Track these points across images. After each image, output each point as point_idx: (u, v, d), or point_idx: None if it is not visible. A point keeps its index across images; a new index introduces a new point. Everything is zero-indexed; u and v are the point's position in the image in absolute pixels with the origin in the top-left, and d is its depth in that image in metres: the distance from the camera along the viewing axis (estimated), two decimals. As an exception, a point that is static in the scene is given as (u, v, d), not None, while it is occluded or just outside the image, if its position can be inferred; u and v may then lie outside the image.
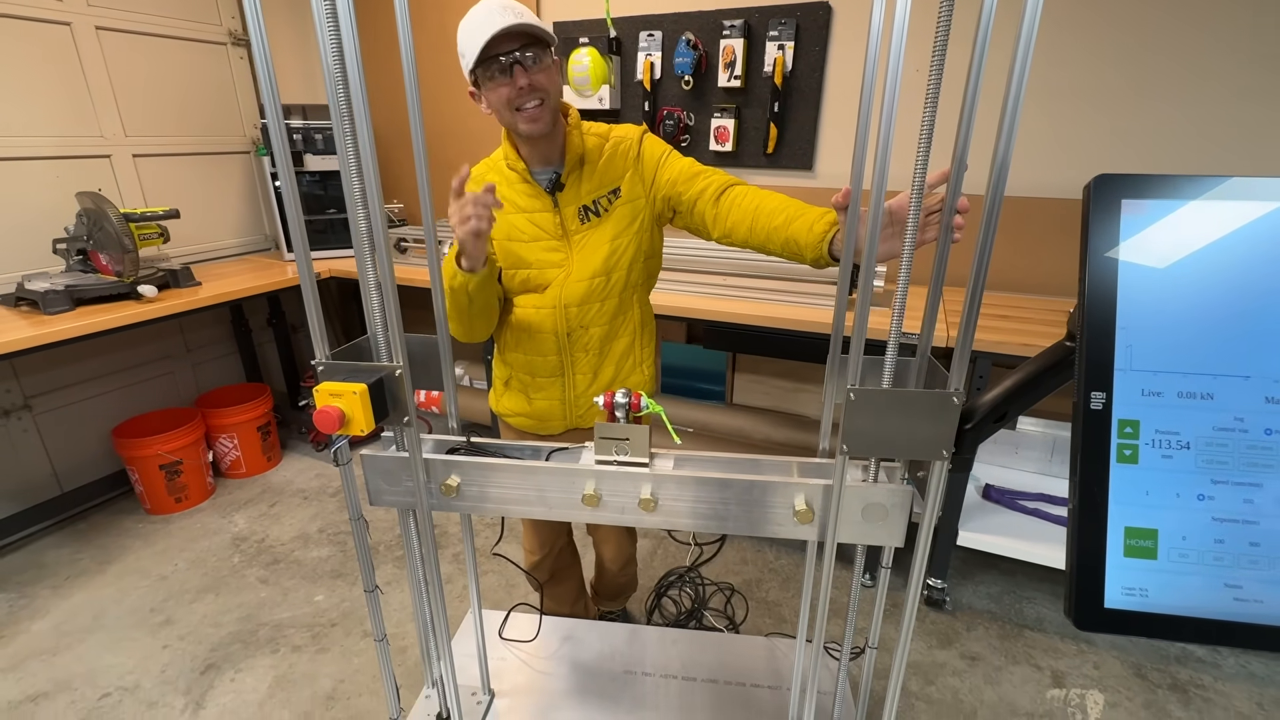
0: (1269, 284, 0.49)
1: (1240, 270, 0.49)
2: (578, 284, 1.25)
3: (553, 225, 1.24)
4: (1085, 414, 0.51)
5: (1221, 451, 0.49)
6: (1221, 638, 0.50)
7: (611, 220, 1.25)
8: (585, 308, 1.27)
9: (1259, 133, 1.84)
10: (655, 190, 1.25)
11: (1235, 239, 0.50)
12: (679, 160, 1.26)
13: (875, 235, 0.72)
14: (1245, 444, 0.49)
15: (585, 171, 1.24)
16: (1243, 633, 0.49)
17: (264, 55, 0.70)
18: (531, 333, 1.29)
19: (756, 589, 2.12)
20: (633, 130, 1.28)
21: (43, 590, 2.09)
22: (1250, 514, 0.49)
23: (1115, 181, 0.51)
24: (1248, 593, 0.49)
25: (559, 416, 1.37)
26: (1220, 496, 0.49)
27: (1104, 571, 0.51)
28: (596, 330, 1.30)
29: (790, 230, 1.07)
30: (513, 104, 1.13)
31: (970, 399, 0.80)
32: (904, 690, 1.71)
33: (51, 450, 2.43)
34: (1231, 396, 0.49)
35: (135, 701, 1.68)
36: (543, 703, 1.26)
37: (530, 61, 1.10)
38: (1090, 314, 0.51)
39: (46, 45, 2.25)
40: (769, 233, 1.11)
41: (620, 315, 1.32)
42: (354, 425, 0.82)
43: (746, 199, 1.16)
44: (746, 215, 1.14)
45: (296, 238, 0.78)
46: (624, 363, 1.36)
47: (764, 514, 0.90)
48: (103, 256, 2.15)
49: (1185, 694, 1.69)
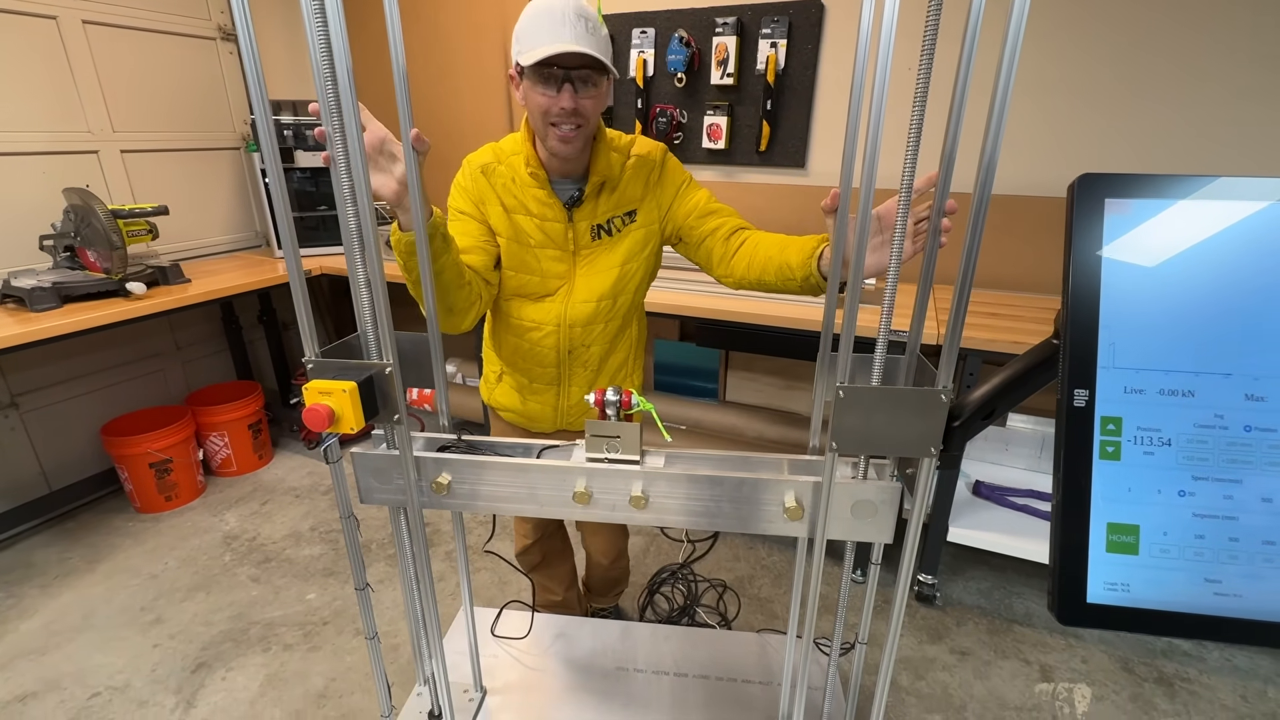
0: (1251, 283, 0.50)
1: (1223, 270, 0.50)
2: (584, 305, 1.24)
3: (562, 237, 1.21)
4: (1068, 411, 0.51)
5: (1202, 448, 0.50)
6: (1202, 632, 0.50)
7: (624, 243, 1.23)
8: (589, 328, 1.26)
9: (1255, 133, 1.85)
10: (671, 218, 1.25)
11: (1219, 239, 0.50)
12: (698, 191, 1.25)
13: (864, 241, 0.72)
14: (1225, 441, 0.50)
15: (606, 190, 1.21)
16: (1223, 627, 0.50)
17: (251, 53, 0.69)
18: (533, 345, 1.28)
19: (749, 585, 2.13)
20: (655, 149, 1.25)
21: (31, 590, 2.08)
22: (1230, 510, 0.50)
23: (1099, 181, 0.51)
24: (1227, 587, 0.50)
25: (550, 420, 1.38)
26: (1201, 493, 0.50)
27: (1086, 567, 0.51)
28: (597, 349, 1.30)
29: (784, 256, 1.08)
30: (549, 118, 1.08)
31: (959, 396, 0.80)
32: (894, 685, 1.72)
33: (39, 449, 2.41)
34: (1212, 394, 0.50)
35: (125, 701, 1.67)
36: (535, 700, 1.26)
37: (582, 84, 1.06)
38: (1073, 312, 0.51)
39: (32, 39, 2.23)
40: (765, 262, 1.11)
41: (621, 334, 1.33)
42: (344, 423, 0.81)
43: (752, 239, 1.17)
44: (747, 254, 1.15)
45: (285, 234, 0.78)
46: (618, 374, 1.37)
47: (754, 511, 0.91)
48: (90, 253, 2.13)
49: (1171, 687, 1.71)
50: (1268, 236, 0.48)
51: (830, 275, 0.82)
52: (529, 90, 1.08)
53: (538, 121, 1.11)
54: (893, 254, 0.76)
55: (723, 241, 1.19)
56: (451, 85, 2.87)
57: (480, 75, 2.79)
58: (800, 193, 2.40)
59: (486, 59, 2.76)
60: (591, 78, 1.07)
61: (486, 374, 1.45)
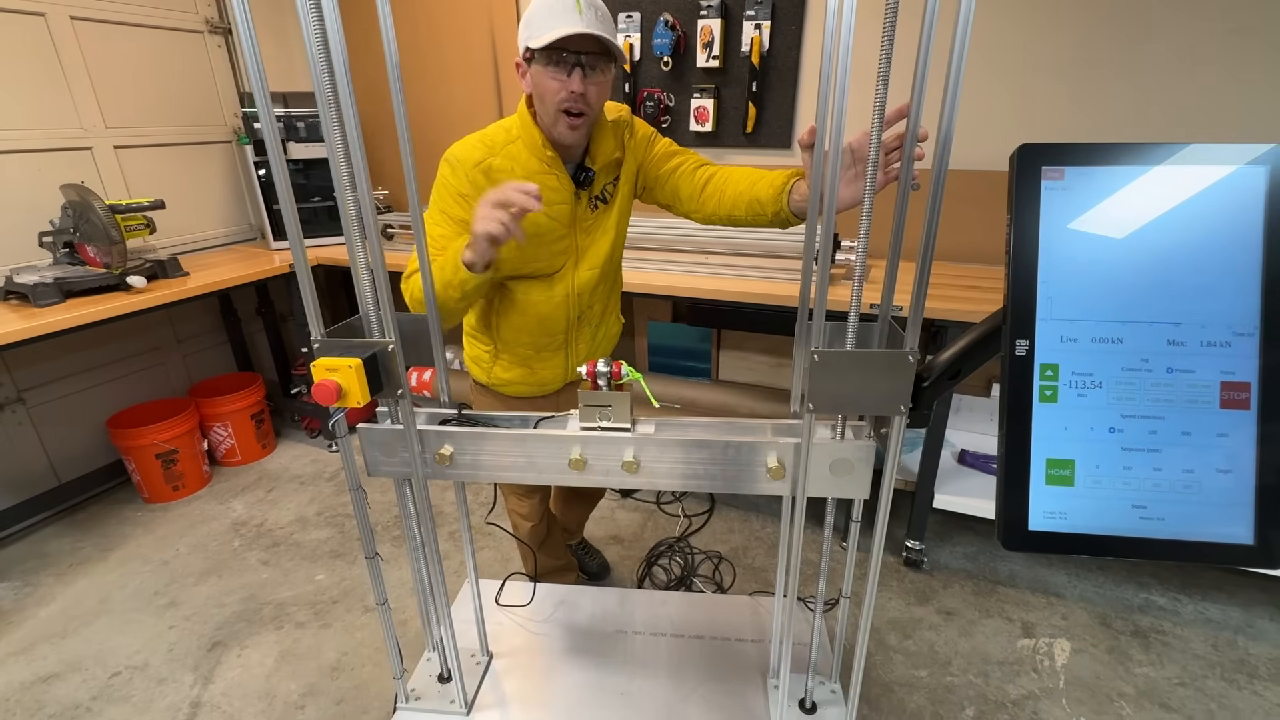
0: (1172, 239, 0.55)
1: (1147, 228, 0.55)
2: (589, 272, 1.28)
3: (568, 217, 1.23)
4: (1011, 360, 0.57)
5: (1130, 389, 0.56)
6: (1131, 551, 0.56)
7: (616, 205, 1.29)
8: (595, 291, 1.33)
9: (1211, 102, 1.90)
10: (645, 167, 1.30)
11: (1143, 200, 0.55)
12: (661, 138, 1.33)
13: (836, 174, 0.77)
14: (1150, 382, 0.55)
15: (609, 167, 1.25)
16: (1149, 547, 0.56)
17: (251, 45, 0.73)
18: (541, 320, 1.30)
19: (743, 556, 2.20)
20: (623, 109, 1.30)
21: (47, 578, 2.14)
22: (1154, 443, 0.56)
23: (1036, 150, 0.56)
24: (1152, 512, 0.56)
25: (560, 379, 1.45)
26: (1129, 429, 0.56)
27: (1028, 498, 0.57)
28: (599, 305, 1.37)
29: (754, 191, 1.14)
30: (561, 104, 1.09)
31: (930, 360, 0.86)
32: (883, 644, 1.80)
33: (47, 442, 2.46)
34: (1138, 340, 0.55)
35: (145, 679, 1.74)
36: (539, 661, 1.33)
37: (590, 70, 1.08)
38: (1015, 270, 0.56)
39: (22, 36, 2.24)
40: (735, 198, 1.18)
41: (615, 284, 1.41)
42: (351, 397, 0.86)
43: (720, 172, 1.24)
44: (718, 187, 1.21)
45: (289, 217, 0.82)
46: (608, 317, 1.45)
47: (739, 472, 0.97)
48: (90, 248, 2.17)
49: (1146, 639, 1.79)
50: (1186, 196, 0.54)
51: (809, 208, 0.82)
52: (539, 75, 1.09)
53: (548, 107, 1.12)
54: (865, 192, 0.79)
55: (689, 176, 1.25)
56: (440, 74, 2.88)
57: (468, 64, 2.81)
58: (787, 173, 2.44)
59: (474, 48, 2.77)
60: (600, 64, 1.09)
61: (476, 356, 1.45)
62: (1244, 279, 0.54)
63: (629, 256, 2.22)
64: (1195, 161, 0.54)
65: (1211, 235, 0.54)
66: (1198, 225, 0.54)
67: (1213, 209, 0.54)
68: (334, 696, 1.67)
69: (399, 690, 1.21)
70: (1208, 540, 0.55)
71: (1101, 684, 1.66)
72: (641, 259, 2.29)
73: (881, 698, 1.63)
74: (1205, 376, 0.55)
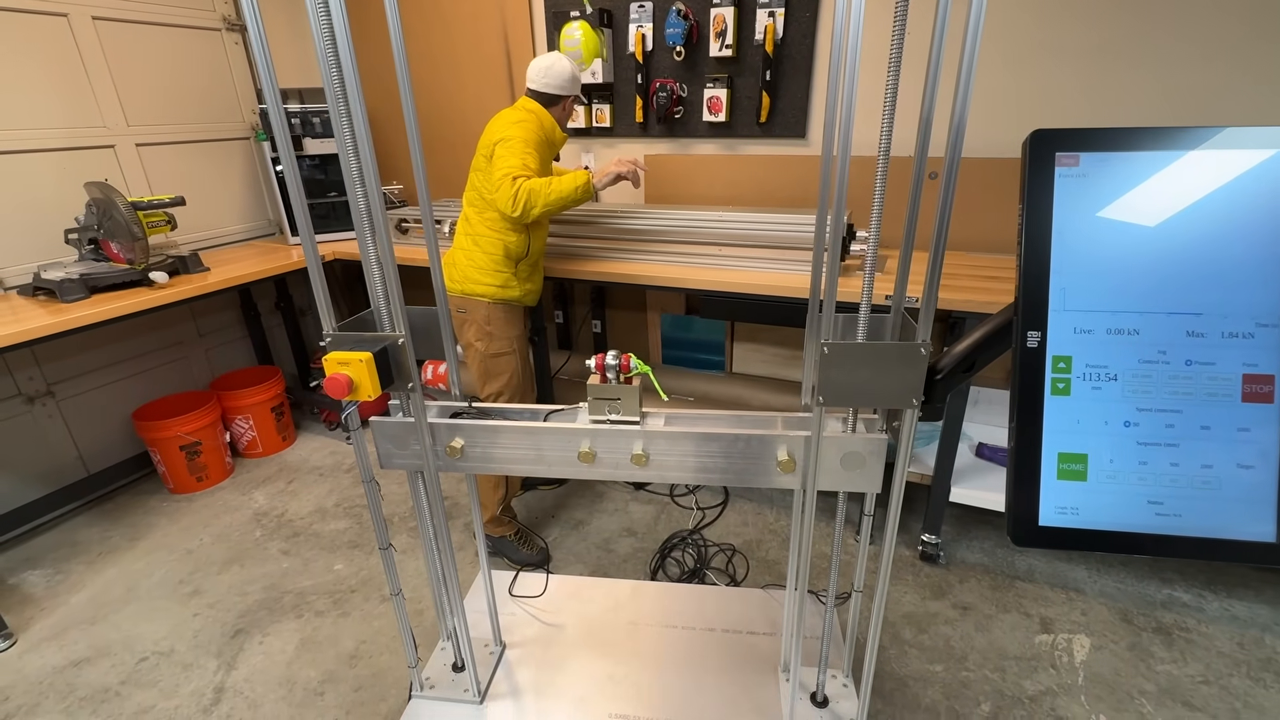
0: (1192, 228, 0.53)
1: (1167, 215, 0.54)
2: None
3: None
4: (1022, 352, 0.56)
5: (1146, 382, 0.54)
6: (1146, 548, 0.55)
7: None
8: None
9: (1222, 92, 1.85)
10: None
11: (1162, 187, 0.54)
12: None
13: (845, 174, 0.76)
14: (1168, 374, 0.54)
15: None
16: (1165, 544, 0.55)
17: (260, 42, 0.74)
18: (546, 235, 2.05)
19: (757, 549, 2.19)
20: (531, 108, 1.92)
21: (78, 566, 2.20)
22: (1171, 438, 0.54)
23: (1050, 136, 0.55)
24: (1169, 508, 0.54)
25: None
26: (1145, 423, 0.54)
27: (1039, 493, 0.56)
28: None
29: None
30: (574, 119, 2.13)
31: (942, 352, 0.84)
32: (898, 639, 1.79)
33: (76, 434, 2.53)
34: (1156, 331, 0.53)
35: (171, 664, 1.79)
36: (552, 652, 1.34)
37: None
38: (1027, 259, 0.55)
39: (45, 37, 2.28)
40: None
41: None
42: (362, 390, 0.87)
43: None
44: None
45: (299, 212, 0.83)
46: None
47: (749, 465, 0.96)
48: (114, 245, 2.21)
49: (1169, 636, 1.76)
50: (1208, 183, 0.52)
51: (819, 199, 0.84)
52: (572, 105, 1.95)
53: (567, 119, 1.95)
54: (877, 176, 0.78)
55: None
56: (452, 68, 2.89)
57: (480, 57, 2.81)
58: (801, 163, 2.41)
59: (486, 40, 2.77)
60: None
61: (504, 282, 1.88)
62: (1270, 268, 0.52)
63: (643, 249, 2.22)
64: (1228, 146, 0.52)
65: (1238, 223, 0.52)
66: (1224, 213, 0.52)
67: (1241, 196, 0.52)
68: (352, 684, 1.71)
69: (414, 679, 1.23)
70: (1227, 538, 0.54)
71: (1122, 681, 1.63)
72: (655, 251, 2.28)
73: (896, 692, 1.62)
74: (1226, 369, 0.53)
